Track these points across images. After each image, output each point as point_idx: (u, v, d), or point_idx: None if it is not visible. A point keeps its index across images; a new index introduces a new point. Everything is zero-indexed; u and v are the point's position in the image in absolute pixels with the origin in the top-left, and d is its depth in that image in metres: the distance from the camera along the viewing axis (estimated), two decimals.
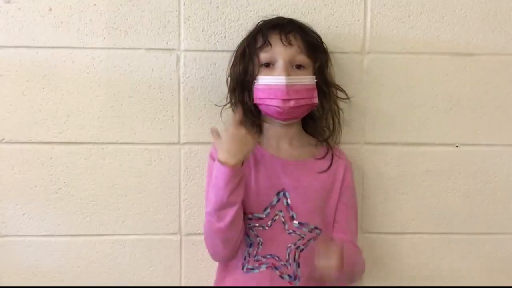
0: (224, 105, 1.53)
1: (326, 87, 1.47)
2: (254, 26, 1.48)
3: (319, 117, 1.51)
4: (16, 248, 1.60)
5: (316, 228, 1.46)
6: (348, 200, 1.51)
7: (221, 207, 1.35)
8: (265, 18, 1.50)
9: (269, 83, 1.39)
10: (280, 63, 1.39)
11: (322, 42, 1.49)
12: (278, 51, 1.39)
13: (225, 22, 1.56)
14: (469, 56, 1.61)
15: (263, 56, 1.41)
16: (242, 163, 1.36)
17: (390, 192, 1.64)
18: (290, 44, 1.39)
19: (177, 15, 1.56)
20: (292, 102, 1.38)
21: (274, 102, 1.39)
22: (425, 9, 1.59)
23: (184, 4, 1.56)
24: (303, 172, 1.47)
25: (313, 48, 1.44)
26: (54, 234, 1.60)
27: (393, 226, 1.66)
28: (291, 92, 1.38)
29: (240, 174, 1.35)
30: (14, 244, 1.60)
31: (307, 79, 1.41)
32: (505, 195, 1.66)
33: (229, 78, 1.50)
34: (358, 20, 1.58)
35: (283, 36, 1.40)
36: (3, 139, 1.57)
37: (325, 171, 1.48)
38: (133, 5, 1.55)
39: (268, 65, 1.41)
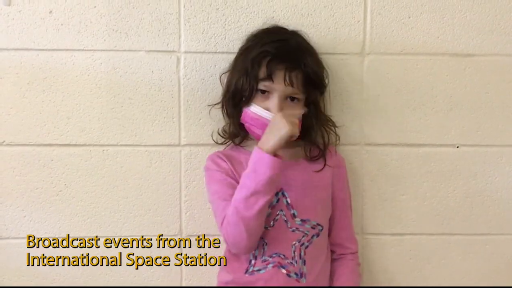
0: (214, 105, 1.53)
1: (316, 118, 1.48)
2: (260, 35, 1.47)
3: (307, 133, 1.49)
4: (17, 250, 1.60)
5: (318, 224, 1.47)
6: (344, 195, 1.54)
7: (253, 194, 1.34)
8: (266, 23, 1.51)
9: (259, 114, 1.40)
10: (275, 97, 1.40)
11: (323, 75, 1.48)
12: (278, 88, 1.40)
13: (225, 24, 1.57)
14: (469, 57, 1.61)
15: (262, 86, 1.41)
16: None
17: (390, 193, 1.64)
18: (291, 84, 1.39)
19: (177, 17, 1.56)
20: None
21: (259, 132, 1.40)
22: (425, 10, 1.59)
23: (184, 6, 1.56)
24: (298, 171, 1.48)
25: (311, 84, 1.44)
26: (54, 236, 1.60)
27: (393, 227, 1.66)
28: None
29: (280, 167, 1.35)
30: (15, 246, 1.60)
31: (296, 116, 1.42)
32: (505, 196, 1.66)
33: (224, 81, 1.50)
34: (358, 21, 1.59)
35: (286, 77, 1.39)
36: (3, 142, 1.57)
37: (320, 171, 1.49)
38: (133, 7, 1.55)
39: (264, 92, 1.42)
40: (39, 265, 1.58)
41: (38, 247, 1.59)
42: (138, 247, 1.62)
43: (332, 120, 1.54)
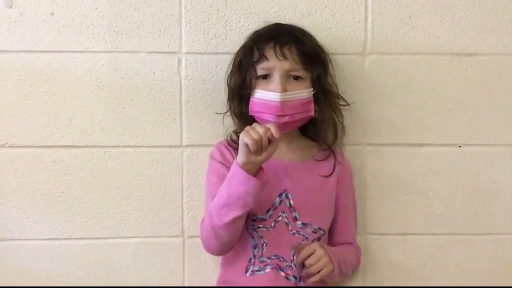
0: (224, 113, 1.53)
1: (324, 97, 1.47)
2: (253, 32, 1.49)
3: (319, 124, 1.50)
4: (20, 251, 1.61)
5: (320, 229, 1.47)
6: (347, 201, 1.54)
7: (225, 205, 1.34)
8: (266, 22, 1.51)
9: (264, 98, 1.39)
10: (276, 77, 1.39)
11: (320, 51, 1.47)
12: (273, 65, 1.39)
13: (226, 25, 1.57)
14: (471, 56, 1.61)
15: (260, 69, 1.41)
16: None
17: (392, 193, 1.64)
18: (284, 57, 1.39)
19: (178, 18, 1.56)
20: (286, 118, 1.39)
21: (269, 117, 1.39)
22: (426, 10, 1.59)
23: (185, 7, 1.56)
24: (304, 174, 1.48)
25: (309, 59, 1.42)
26: (57, 237, 1.61)
27: (395, 227, 1.65)
28: (285, 108, 1.38)
29: (255, 186, 1.31)
30: (17, 248, 1.61)
31: (304, 93, 1.41)
32: (508, 195, 1.66)
33: (227, 87, 1.50)
34: (359, 22, 1.59)
35: (277, 50, 1.39)
36: (6, 143, 1.58)
37: (328, 176, 1.48)
38: (135, 9, 1.55)
39: (265, 76, 1.41)
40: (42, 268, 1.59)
41: (41, 250, 1.60)
42: (141, 249, 1.62)
43: (343, 97, 1.52)
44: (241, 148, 1.30)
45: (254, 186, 1.31)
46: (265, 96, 1.39)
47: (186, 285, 1.64)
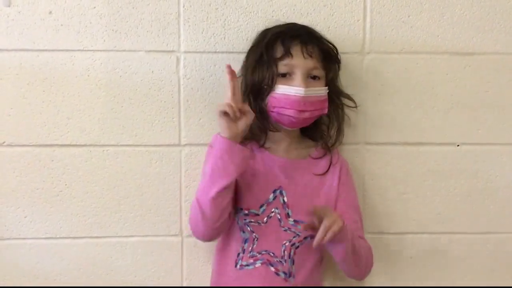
0: None
1: (336, 97, 1.50)
2: (269, 29, 1.48)
3: (324, 123, 1.51)
4: (18, 251, 1.61)
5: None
6: (347, 198, 1.53)
7: (210, 179, 1.36)
8: (266, 21, 1.51)
9: (287, 93, 1.40)
10: (298, 75, 1.40)
11: (337, 52, 1.50)
12: (298, 63, 1.41)
13: (225, 24, 1.57)
14: (469, 55, 1.61)
15: (282, 66, 1.41)
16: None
17: (391, 192, 1.64)
18: (310, 56, 1.41)
19: (177, 16, 1.56)
20: (307, 114, 1.41)
21: (290, 112, 1.40)
22: (425, 9, 1.59)
23: (183, 6, 1.56)
24: (300, 171, 1.48)
25: (328, 59, 1.46)
26: (55, 236, 1.61)
27: (394, 226, 1.65)
28: (307, 104, 1.40)
29: (240, 153, 1.35)
30: (16, 247, 1.61)
31: (322, 91, 1.44)
32: (506, 194, 1.66)
33: (242, 81, 1.48)
34: (358, 21, 1.59)
35: (304, 48, 1.41)
36: (4, 142, 1.57)
37: (323, 174, 1.49)
38: (133, 7, 1.55)
39: (285, 75, 1.42)
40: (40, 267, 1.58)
41: (39, 249, 1.60)
42: (139, 248, 1.62)
43: (353, 99, 1.54)
44: (221, 120, 1.35)
45: (237, 151, 1.35)
46: (288, 91, 1.40)
47: (184, 284, 1.64)
